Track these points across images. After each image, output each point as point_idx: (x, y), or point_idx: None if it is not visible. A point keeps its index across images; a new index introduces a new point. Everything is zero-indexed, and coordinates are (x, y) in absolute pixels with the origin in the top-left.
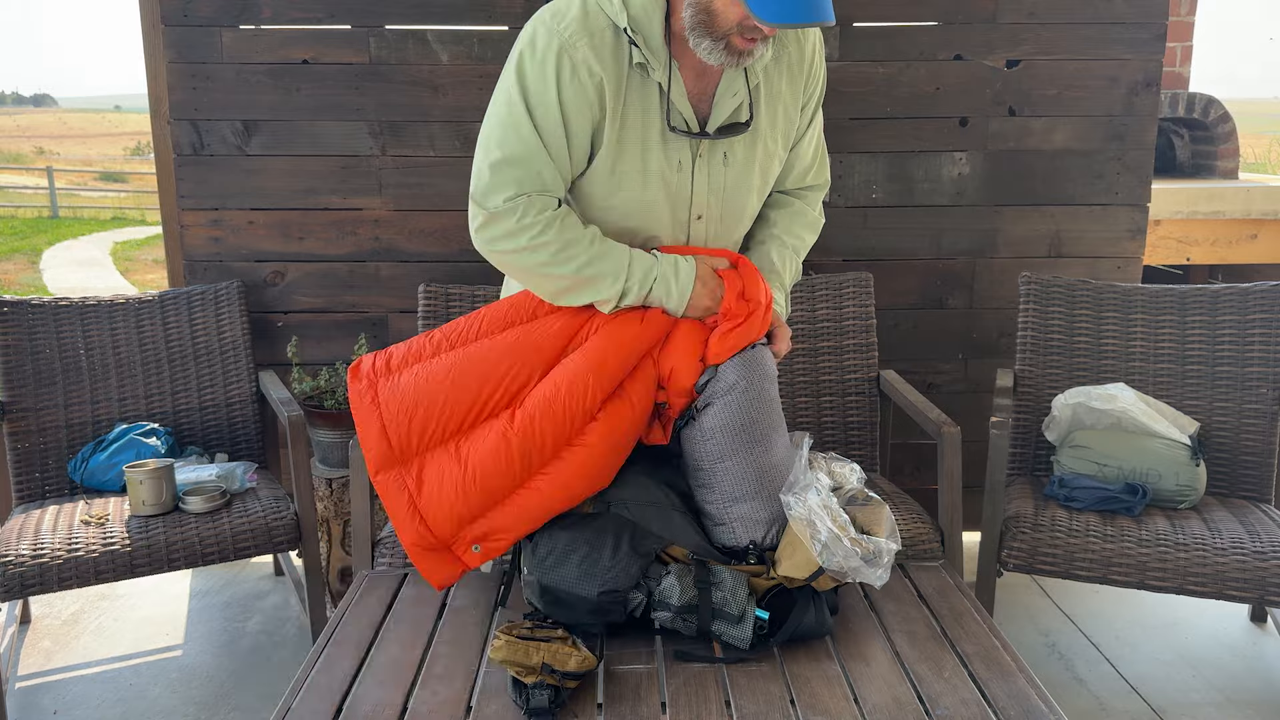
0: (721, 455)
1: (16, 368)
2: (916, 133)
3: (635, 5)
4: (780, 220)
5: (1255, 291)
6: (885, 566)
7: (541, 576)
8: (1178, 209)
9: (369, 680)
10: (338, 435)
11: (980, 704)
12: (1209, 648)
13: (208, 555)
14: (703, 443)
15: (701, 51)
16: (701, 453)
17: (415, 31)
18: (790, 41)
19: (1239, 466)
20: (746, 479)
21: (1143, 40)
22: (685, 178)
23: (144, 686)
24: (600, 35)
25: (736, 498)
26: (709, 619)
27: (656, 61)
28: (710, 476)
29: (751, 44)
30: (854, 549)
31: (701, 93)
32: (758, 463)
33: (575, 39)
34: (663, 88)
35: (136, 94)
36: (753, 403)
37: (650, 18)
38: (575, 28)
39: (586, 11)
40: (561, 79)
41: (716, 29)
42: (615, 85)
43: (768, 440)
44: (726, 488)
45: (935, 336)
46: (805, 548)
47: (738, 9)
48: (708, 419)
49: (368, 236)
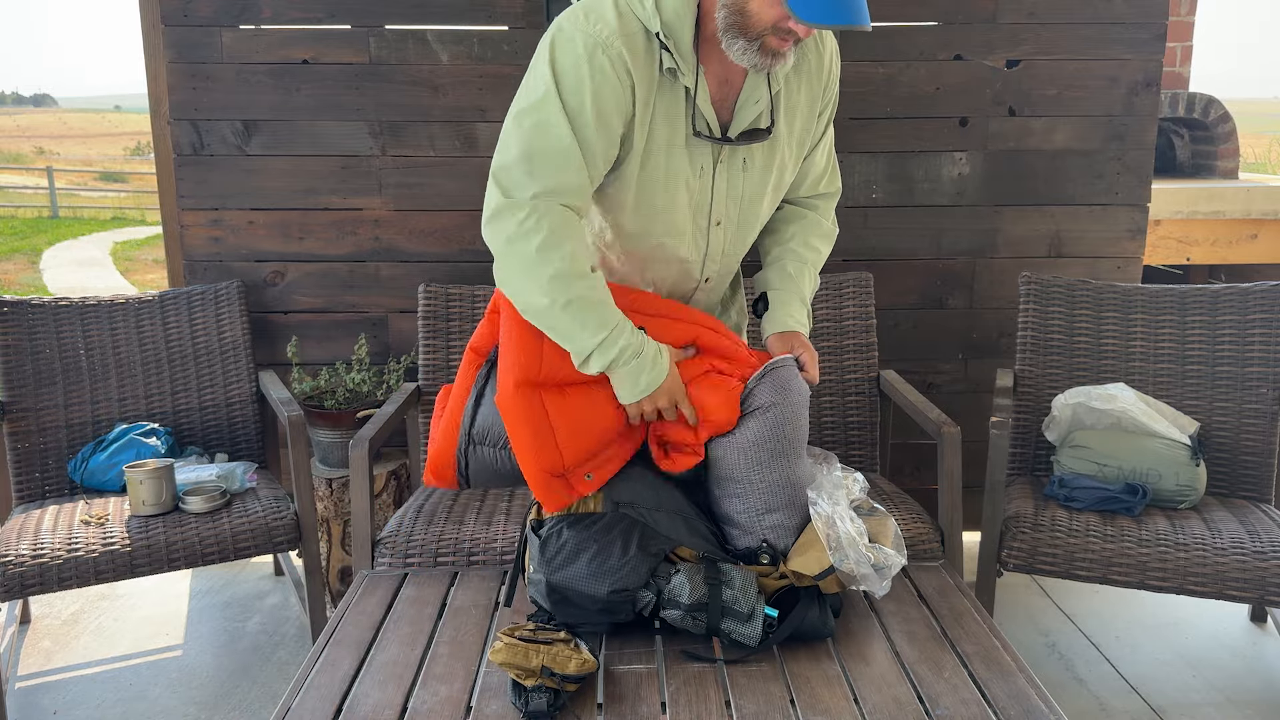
0: (759, 466)
1: (16, 368)
2: (916, 133)
3: (668, 10)
4: (796, 234)
5: (1255, 291)
6: (889, 578)
7: (549, 575)
8: (1178, 209)
9: (369, 680)
10: (338, 435)
11: (980, 704)
12: (1209, 648)
13: (208, 555)
14: (740, 453)
15: (734, 53)
16: (738, 463)
17: (415, 31)
18: (809, 50)
19: (1239, 466)
20: (781, 489)
21: (1143, 40)
22: (706, 183)
23: (144, 686)
24: (634, 39)
25: (771, 508)
26: (719, 617)
27: (686, 66)
28: (744, 487)
29: (785, 44)
30: (866, 555)
31: (724, 99)
32: (791, 474)
33: (611, 39)
34: (689, 92)
35: (136, 94)
36: (789, 419)
37: (682, 22)
38: (611, 29)
39: (620, 14)
40: (597, 79)
41: (751, 29)
42: (646, 89)
43: (799, 454)
44: (761, 498)
45: (935, 336)
46: (820, 545)
47: (776, 9)
48: (747, 432)
49: (368, 236)
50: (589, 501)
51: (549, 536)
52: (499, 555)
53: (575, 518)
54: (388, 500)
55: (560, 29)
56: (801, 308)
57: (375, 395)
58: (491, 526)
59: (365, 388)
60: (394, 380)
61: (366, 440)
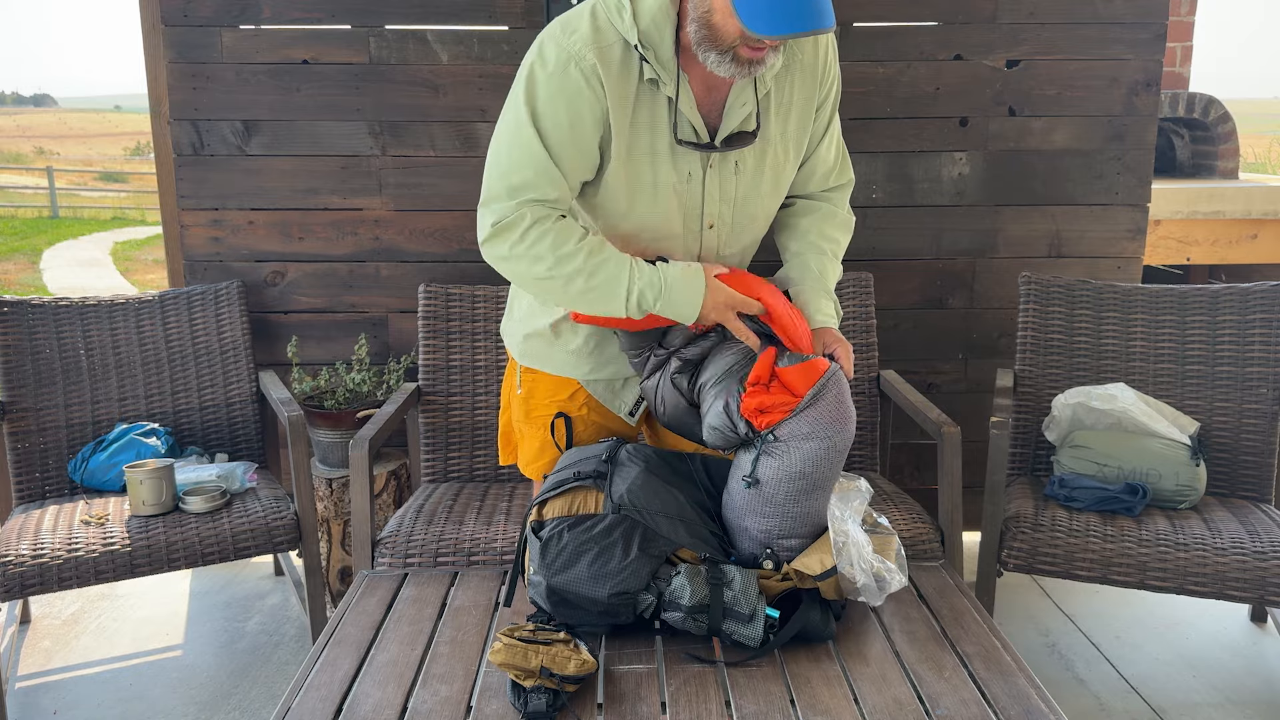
0: (798, 497)
1: (16, 368)
2: (916, 133)
3: (645, 20)
4: (812, 227)
5: (1255, 291)
6: (888, 592)
7: (550, 578)
8: (1178, 209)
9: (369, 680)
10: (338, 435)
11: (980, 704)
12: (1209, 648)
13: (208, 555)
14: (787, 481)
15: (710, 65)
16: (779, 489)
17: (415, 31)
18: (803, 45)
19: (1239, 466)
20: (808, 519)
21: (1143, 40)
22: (696, 188)
23: (144, 686)
24: (609, 50)
25: (793, 534)
26: (720, 618)
27: (667, 75)
28: (775, 509)
29: (758, 54)
30: (870, 562)
31: (712, 104)
32: (821, 507)
33: (584, 51)
34: (671, 101)
35: (136, 94)
36: (839, 453)
37: (661, 31)
38: (584, 41)
39: (597, 26)
40: (569, 91)
41: (720, 42)
42: (623, 98)
43: (832, 487)
44: (788, 524)
45: (935, 336)
46: (825, 547)
47: (735, 22)
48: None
49: (368, 236)
50: (590, 503)
51: (549, 539)
52: (499, 555)
53: (576, 520)
54: (388, 500)
55: (540, 44)
56: (827, 301)
57: (375, 395)
58: (491, 526)
59: (365, 388)
60: (394, 380)
61: (366, 440)
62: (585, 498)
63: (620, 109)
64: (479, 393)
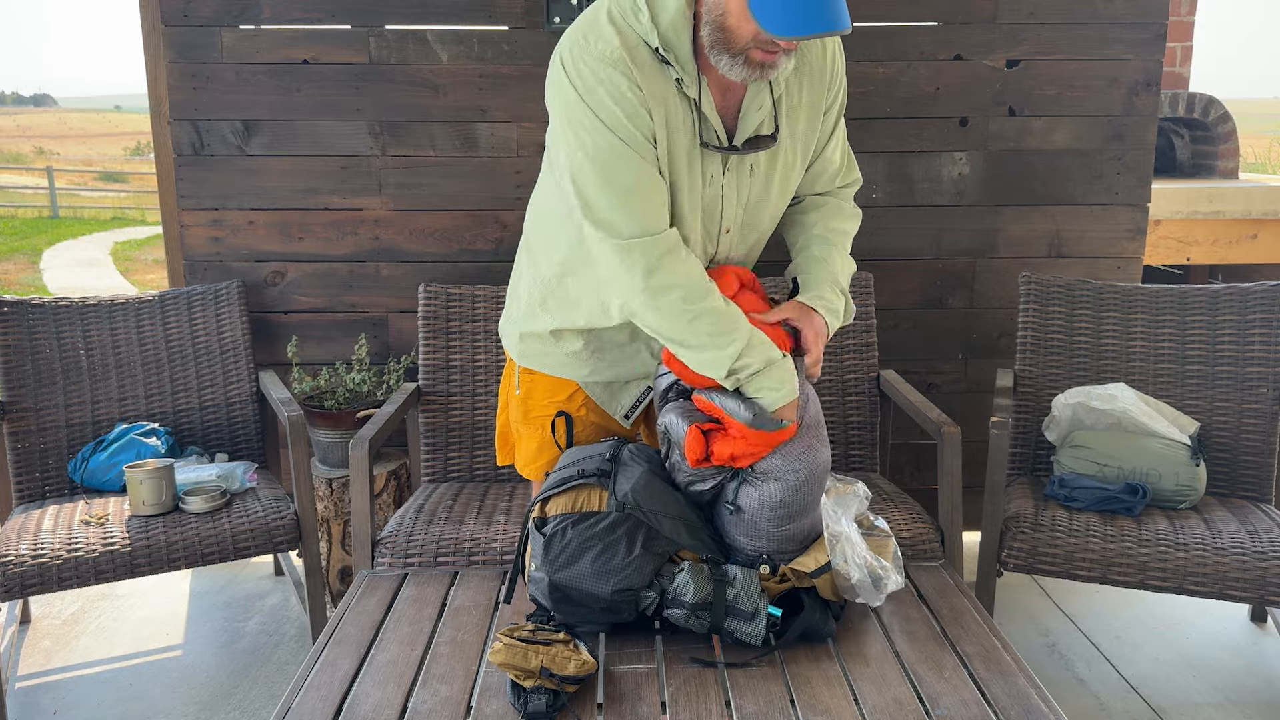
0: (781, 521)
1: (16, 368)
2: (916, 133)
3: (665, 23)
4: (818, 220)
5: (1255, 291)
6: (885, 593)
7: (553, 574)
8: (1178, 209)
9: (369, 680)
10: (338, 435)
11: (980, 704)
12: (1209, 648)
13: (208, 555)
14: (769, 509)
15: (723, 68)
16: (761, 515)
17: (415, 31)
18: (811, 48)
19: (1239, 466)
20: (795, 538)
21: (1143, 40)
22: (716, 191)
23: (144, 686)
24: (636, 51)
25: (786, 551)
26: (722, 616)
27: (689, 77)
28: (766, 534)
29: (771, 57)
30: (865, 558)
31: (727, 107)
32: (808, 525)
33: (618, 55)
34: (694, 103)
35: (136, 94)
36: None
37: (679, 35)
38: (613, 45)
39: (619, 30)
40: (618, 96)
41: (734, 45)
42: (656, 99)
43: (818, 504)
44: (775, 545)
45: (935, 336)
46: (821, 543)
47: (750, 25)
48: (773, 493)
49: (368, 236)
50: (593, 501)
51: (553, 535)
52: (499, 555)
53: (579, 516)
54: (388, 500)
55: (568, 59)
56: (831, 289)
57: (375, 395)
58: (491, 526)
59: (365, 388)
60: (394, 380)
61: (366, 440)
62: (588, 496)
63: (657, 110)
64: (479, 393)
